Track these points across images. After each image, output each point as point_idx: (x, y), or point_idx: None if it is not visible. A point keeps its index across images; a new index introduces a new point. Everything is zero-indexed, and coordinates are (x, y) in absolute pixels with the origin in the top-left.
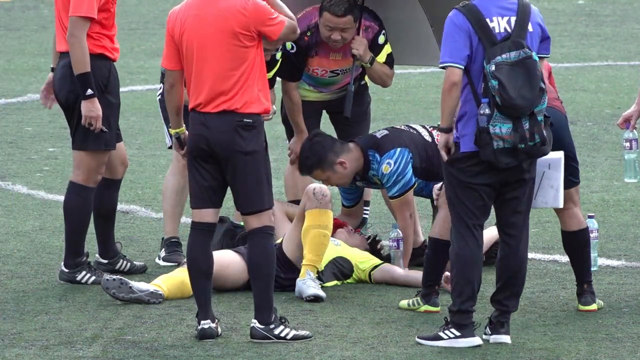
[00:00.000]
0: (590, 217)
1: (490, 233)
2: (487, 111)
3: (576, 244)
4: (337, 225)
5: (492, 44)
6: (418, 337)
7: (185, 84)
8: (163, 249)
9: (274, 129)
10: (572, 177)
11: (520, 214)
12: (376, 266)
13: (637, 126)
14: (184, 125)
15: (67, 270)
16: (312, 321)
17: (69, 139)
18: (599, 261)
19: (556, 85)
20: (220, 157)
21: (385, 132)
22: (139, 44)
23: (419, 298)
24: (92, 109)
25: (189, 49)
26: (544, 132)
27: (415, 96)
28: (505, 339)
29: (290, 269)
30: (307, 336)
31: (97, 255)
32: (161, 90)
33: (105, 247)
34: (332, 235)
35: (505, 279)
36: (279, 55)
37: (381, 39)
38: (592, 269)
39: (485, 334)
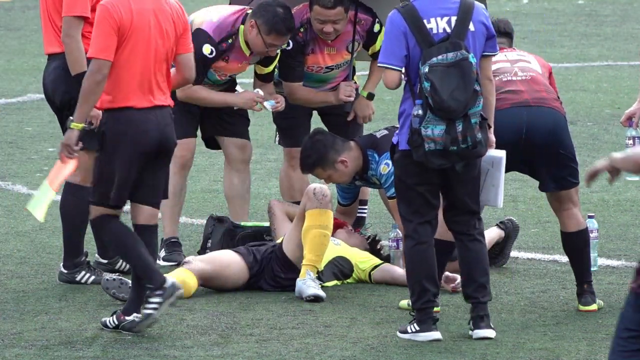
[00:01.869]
0: (590, 217)
1: (489, 234)
2: (420, 112)
3: (575, 244)
4: (337, 225)
5: (429, 45)
6: (398, 331)
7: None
8: (163, 249)
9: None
10: (570, 178)
11: (468, 211)
12: (376, 266)
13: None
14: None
15: (66, 271)
16: (312, 321)
17: None
18: (599, 261)
19: (556, 85)
20: (161, 151)
21: (385, 132)
22: None
23: None
24: None
25: (138, 42)
26: (477, 134)
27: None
28: (488, 332)
29: (290, 269)
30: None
31: (96, 255)
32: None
33: (104, 247)
34: (332, 235)
35: (467, 273)
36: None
37: (376, 27)
38: (592, 269)
39: (470, 330)
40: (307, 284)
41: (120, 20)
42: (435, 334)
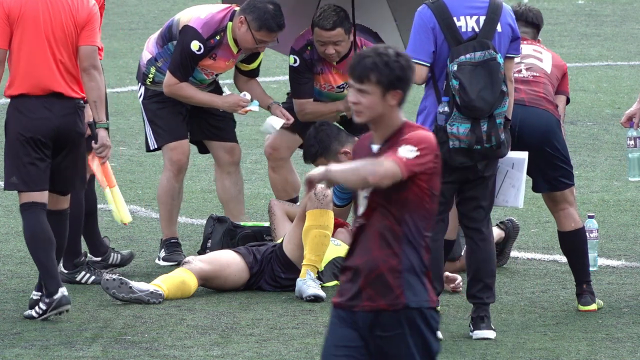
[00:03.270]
0: (590, 217)
1: None
2: (447, 110)
3: (573, 243)
4: (338, 225)
5: (457, 43)
6: None
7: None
8: (163, 250)
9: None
10: (563, 179)
11: (482, 209)
12: None
13: None
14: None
15: (66, 272)
16: (312, 321)
17: None
18: (599, 261)
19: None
20: (63, 140)
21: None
22: (139, 44)
23: None
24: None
25: (27, 30)
26: (502, 135)
27: (415, 96)
28: (488, 333)
29: (290, 269)
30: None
31: (89, 254)
32: (141, 91)
33: (94, 245)
34: (332, 236)
35: (474, 272)
36: (291, 60)
37: None
38: (592, 269)
39: (470, 331)
40: (308, 284)
41: (10, 9)
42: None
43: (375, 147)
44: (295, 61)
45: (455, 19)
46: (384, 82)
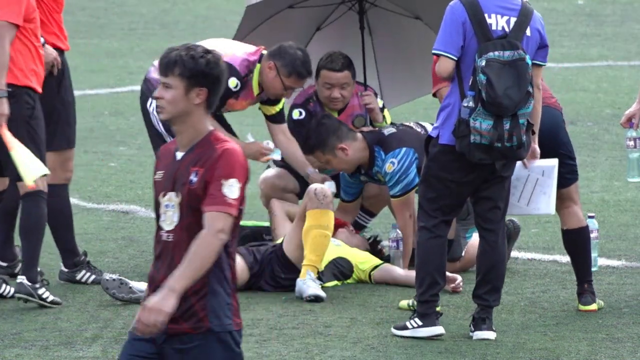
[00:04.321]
0: (590, 217)
1: None
2: (471, 104)
3: (576, 241)
4: (338, 225)
5: (486, 39)
6: (393, 328)
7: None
8: None
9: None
10: (569, 175)
11: (498, 209)
12: (376, 266)
13: None
14: None
15: (66, 270)
16: (312, 321)
17: None
18: (599, 261)
19: (553, 84)
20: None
21: (393, 129)
22: (139, 44)
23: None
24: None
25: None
26: (523, 136)
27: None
28: (488, 334)
29: (290, 269)
30: (57, 302)
31: (61, 265)
32: (154, 104)
33: (67, 256)
34: (333, 236)
35: (484, 273)
36: (296, 114)
37: (380, 102)
38: (592, 269)
39: (470, 331)
40: (308, 284)
41: None
42: (439, 329)
43: (179, 155)
44: (300, 114)
45: (486, 15)
46: (187, 75)
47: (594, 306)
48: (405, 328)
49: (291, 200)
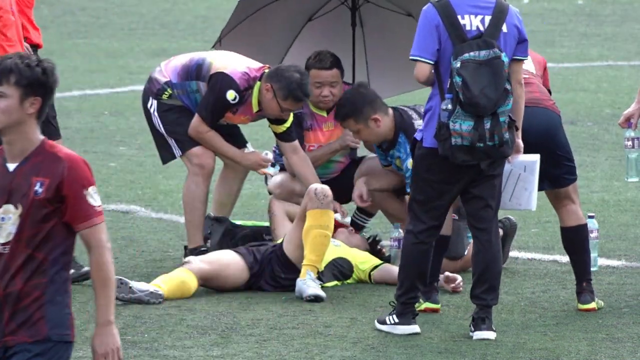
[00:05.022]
0: (590, 217)
1: None
2: (450, 107)
3: (575, 239)
4: (337, 225)
5: (461, 41)
6: (376, 320)
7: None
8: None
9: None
10: (567, 176)
11: (490, 208)
12: (376, 266)
13: (638, 125)
14: None
15: None
16: (312, 321)
17: (69, 139)
18: (599, 261)
19: (553, 84)
20: None
21: (420, 120)
22: (139, 44)
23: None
24: None
25: None
26: (505, 134)
27: (416, 96)
28: (488, 334)
29: (290, 269)
30: None
31: None
32: (154, 105)
33: None
34: (332, 236)
35: (479, 273)
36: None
37: None
38: (592, 269)
39: (470, 331)
40: (308, 284)
41: None
42: (414, 328)
43: (11, 166)
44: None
45: (459, 17)
46: (23, 84)
47: (593, 305)
48: (384, 323)
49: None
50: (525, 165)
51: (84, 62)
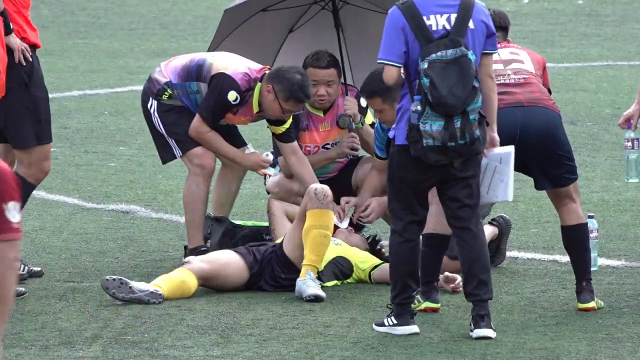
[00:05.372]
0: (590, 217)
1: (485, 231)
2: (419, 108)
3: (575, 238)
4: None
5: (428, 42)
6: (374, 323)
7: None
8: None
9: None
10: (567, 175)
11: (468, 207)
12: (376, 266)
13: (638, 126)
14: None
15: None
16: (312, 321)
17: (69, 138)
18: (599, 261)
19: (553, 84)
20: None
21: None
22: (139, 44)
23: (419, 296)
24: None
25: None
26: (476, 131)
27: None
28: (487, 332)
29: (290, 269)
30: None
31: None
32: (154, 105)
33: None
34: (332, 236)
35: (467, 270)
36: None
37: (363, 102)
38: (592, 269)
39: (470, 330)
40: (308, 284)
41: None
42: (413, 328)
43: None
44: None
45: (424, 18)
46: None
47: (592, 304)
48: (383, 325)
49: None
50: (500, 157)
51: (84, 62)
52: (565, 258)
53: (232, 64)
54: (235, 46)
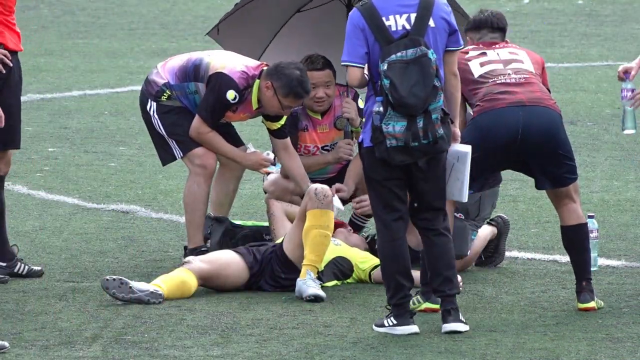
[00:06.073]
0: (590, 217)
1: (483, 233)
2: (381, 109)
3: (575, 238)
4: (337, 225)
5: (387, 43)
6: (374, 324)
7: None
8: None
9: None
10: (568, 175)
11: (434, 209)
12: (376, 266)
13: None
14: None
15: (4, 264)
16: (312, 321)
17: (69, 138)
18: (599, 261)
19: (553, 84)
20: None
21: None
22: (139, 44)
23: (419, 296)
24: None
25: None
26: (439, 130)
27: None
28: (456, 326)
29: (290, 269)
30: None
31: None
32: (153, 107)
33: (1, 250)
34: (332, 236)
35: (432, 267)
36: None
37: (361, 103)
38: (592, 269)
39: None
40: (308, 284)
41: None
42: (413, 328)
43: None
44: None
45: (384, 19)
46: None
47: (592, 304)
48: (382, 325)
49: (298, 203)
50: (458, 155)
51: (84, 62)
52: (565, 258)
53: (229, 62)
54: (243, 18)
